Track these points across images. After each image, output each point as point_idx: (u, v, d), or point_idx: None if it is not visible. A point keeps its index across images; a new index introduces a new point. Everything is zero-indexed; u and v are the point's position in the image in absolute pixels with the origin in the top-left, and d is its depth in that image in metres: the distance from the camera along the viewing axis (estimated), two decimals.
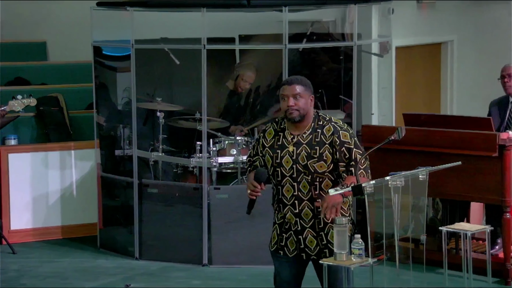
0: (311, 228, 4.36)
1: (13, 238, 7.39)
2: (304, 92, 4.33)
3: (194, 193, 6.74)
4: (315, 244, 4.37)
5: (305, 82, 4.37)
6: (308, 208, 4.34)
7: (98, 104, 7.46)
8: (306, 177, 4.31)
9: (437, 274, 6.17)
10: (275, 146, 4.36)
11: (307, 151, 4.31)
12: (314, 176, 4.31)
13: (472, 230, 4.93)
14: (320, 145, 4.31)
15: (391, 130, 6.04)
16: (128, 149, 7.27)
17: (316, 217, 4.35)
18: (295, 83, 4.34)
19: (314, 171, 4.30)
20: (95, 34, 7.31)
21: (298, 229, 4.37)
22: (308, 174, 4.30)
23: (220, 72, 7.60)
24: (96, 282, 6.39)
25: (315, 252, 4.38)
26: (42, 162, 7.62)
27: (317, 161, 4.30)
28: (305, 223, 4.36)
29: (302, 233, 4.37)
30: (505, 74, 6.58)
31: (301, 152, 4.31)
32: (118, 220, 7.23)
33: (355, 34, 6.97)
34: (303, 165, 4.30)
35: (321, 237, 4.37)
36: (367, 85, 7.86)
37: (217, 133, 6.99)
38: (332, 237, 4.31)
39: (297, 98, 4.32)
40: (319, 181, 4.32)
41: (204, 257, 6.71)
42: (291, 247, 4.40)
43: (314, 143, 4.31)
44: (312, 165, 4.30)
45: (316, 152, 4.30)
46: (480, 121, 6.42)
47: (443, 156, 6.19)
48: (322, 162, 4.30)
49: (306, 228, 4.36)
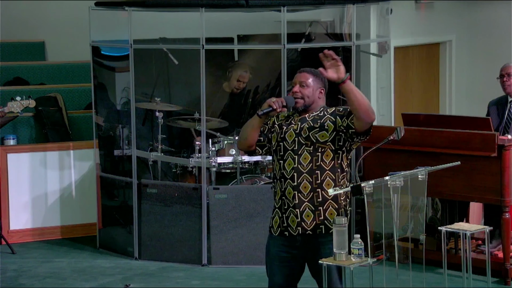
0: (309, 202, 4.32)
1: (12, 238, 7.40)
2: (312, 81, 4.39)
3: (193, 193, 6.74)
4: (312, 219, 4.32)
5: (317, 73, 4.39)
6: (307, 181, 4.32)
7: (96, 104, 7.46)
8: (308, 148, 4.32)
9: (437, 274, 6.18)
10: (283, 125, 4.41)
11: (309, 124, 4.36)
12: (316, 146, 4.33)
13: (471, 230, 4.94)
14: (322, 118, 4.36)
15: (390, 130, 6.07)
16: (127, 149, 7.27)
17: (314, 191, 4.32)
18: (306, 72, 4.41)
19: (316, 141, 4.32)
20: (93, 34, 7.31)
21: (296, 203, 4.33)
22: (310, 145, 4.32)
23: (219, 72, 7.60)
24: (95, 282, 6.39)
25: (311, 227, 4.33)
26: (41, 162, 7.62)
27: (319, 130, 4.33)
28: (304, 197, 4.32)
29: (300, 207, 4.33)
30: (504, 74, 6.59)
31: (303, 126, 4.36)
32: (117, 220, 7.23)
33: (354, 34, 6.98)
34: (304, 137, 4.34)
35: (319, 212, 4.32)
36: (366, 85, 7.86)
37: (216, 133, 7.00)
38: (330, 214, 4.32)
39: (303, 86, 4.37)
40: (321, 151, 4.33)
41: (203, 257, 6.72)
42: (293, 225, 4.35)
43: (317, 117, 4.37)
44: (314, 135, 4.33)
45: (317, 123, 4.34)
46: (479, 121, 6.43)
47: (442, 156, 6.20)
48: (324, 131, 4.33)
49: (304, 202, 4.33)
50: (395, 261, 4.43)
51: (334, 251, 4.22)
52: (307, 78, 4.39)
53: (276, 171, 4.41)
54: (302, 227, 4.34)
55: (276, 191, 4.42)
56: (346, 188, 4.26)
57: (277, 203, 4.42)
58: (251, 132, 4.41)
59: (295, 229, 4.35)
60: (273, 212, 4.46)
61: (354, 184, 4.25)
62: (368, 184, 4.23)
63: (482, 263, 5.23)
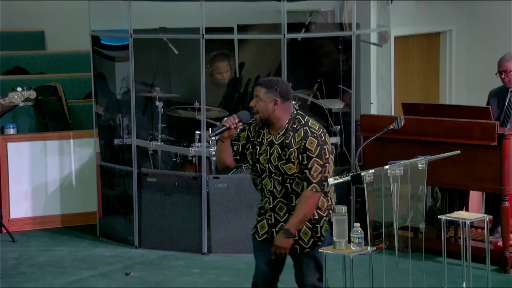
0: (285, 222, 4.34)
1: (12, 227, 7.41)
2: (264, 94, 4.27)
3: (193, 182, 6.75)
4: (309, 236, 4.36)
5: (272, 85, 4.27)
6: (283, 203, 4.35)
7: (96, 94, 7.46)
8: (277, 177, 4.31)
9: (436, 262, 6.19)
10: (255, 142, 4.36)
11: (278, 152, 4.29)
12: (285, 177, 4.30)
13: (471, 218, 4.95)
14: (289, 147, 4.26)
15: (390, 120, 6.09)
16: (127, 138, 7.27)
17: (289, 212, 4.33)
18: (260, 85, 4.31)
19: (284, 172, 4.28)
20: (93, 24, 7.30)
21: (272, 223, 4.38)
22: (279, 175, 4.30)
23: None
24: (95, 270, 6.41)
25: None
26: (41, 151, 7.62)
27: (285, 163, 4.27)
28: (280, 217, 4.37)
29: (276, 226, 4.38)
30: (501, 71, 6.56)
31: (273, 153, 4.31)
32: (118, 209, 7.24)
33: (354, 24, 6.97)
34: (274, 166, 4.31)
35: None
36: (366, 74, 7.86)
37: (216, 123, 7.00)
38: (304, 233, 4.34)
39: (257, 101, 4.30)
40: (290, 182, 4.31)
41: (203, 245, 6.73)
42: (261, 231, 4.42)
43: (284, 144, 4.28)
44: (282, 167, 4.28)
45: (286, 154, 4.27)
46: (479, 110, 6.43)
47: (442, 145, 6.21)
48: (290, 164, 4.26)
49: (279, 222, 4.37)
50: (394, 249, 4.44)
51: (334, 240, 4.24)
52: (259, 91, 4.28)
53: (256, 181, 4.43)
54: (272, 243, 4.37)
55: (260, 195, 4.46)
56: (346, 177, 4.26)
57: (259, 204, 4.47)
58: (221, 155, 4.37)
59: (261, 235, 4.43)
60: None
61: (354, 173, 4.25)
62: (368, 173, 4.24)
63: (482, 251, 5.24)
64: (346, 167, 6.89)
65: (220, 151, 4.37)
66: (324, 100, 7.27)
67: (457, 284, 5.29)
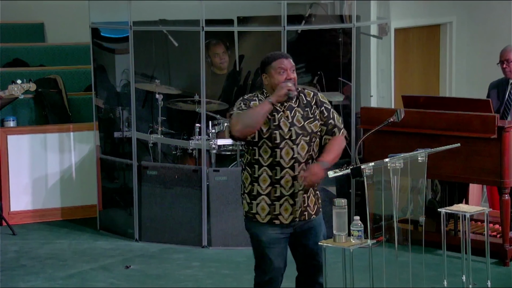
0: (302, 190, 4.34)
1: (12, 220, 7.42)
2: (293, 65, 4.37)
3: (193, 175, 6.75)
4: (314, 203, 4.40)
5: (290, 56, 4.40)
6: (303, 170, 4.32)
7: (96, 86, 7.45)
8: (304, 138, 4.33)
9: (436, 255, 6.20)
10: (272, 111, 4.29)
11: (300, 113, 4.34)
12: (311, 136, 4.34)
13: (471, 211, 4.95)
14: (309, 106, 4.36)
15: (390, 112, 6.07)
16: (127, 131, 7.27)
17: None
18: (290, 58, 4.36)
19: (311, 131, 4.34)
20: (93, 16, 7.29)
21: (294, 192, 4.33)
22: (307, 135, 4.33)
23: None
24: (95, 263, 6.42)
25: (314, 210, 4.41)
26: (41, 144, 7.62)
27: (313, 120, 4.35)
28: (299, 186, 4.33)
29: (297, 196, 4.34)
30: (503, 60, 6.56)
31: (295, 115, 4.33)
32: (118, 202, 7.25)
33: (354, 16, 6.96)
34: (299, 127, 4.32)
35: (317, 196, 4.43)
36: (366, 67, 7.85)
37: (216, 115, 7.00)
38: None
39: (294, 72, 4.34)
40: (313, 141, 4.37)
41: (203, 238, 6.74)
42: (285, 214, 4.35)
43: (303, 105, 4.35)
44: (309, 125, 4.34)
45: (309, 112, 4.35)
46: (479, 102, 6.43)
47: (442, 138, 6.21)
48: (316, 121, 4.36)
49: (299, 191, 4.34)
50: (394, 242, 4.44)
51: (334, 233, 4.24)
52: (291, 62, 4.34)
53: (264, 158, 4.32)
54: (309, 212, 4.39)
55: (262, 178, 4.33)
56: (346, 170, 4.26)
57: (263, 190, 4.33)
58: (262, 119, 4.24)
59: (287, 218, 4.36)
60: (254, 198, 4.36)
61: (354, 166, 4.25)
62: (368, 166, 4.24)
63: (481, 244, 5.24)
64: (346, 160, 6.88)
65: (265, 114, 4.22)
66: (324, 92, 7.25)
67: (457, 277, 5.29)
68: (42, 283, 5.98)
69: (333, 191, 6.88)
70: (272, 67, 4.32)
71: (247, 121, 4.21)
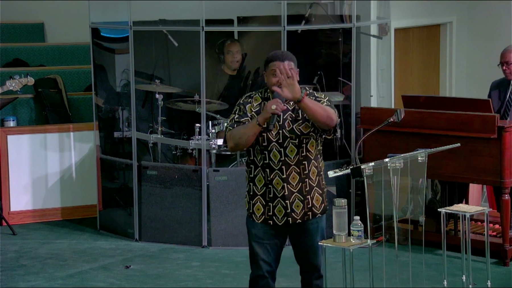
0: (298, 193, 4.36)
1: (12, 220, 7.42)
2: (294, 67, 4.33)
3: (193, 175, 6.75)
4: (301, 208, 4.38)
5: (293, 57, 4.35)
6: (295, 172, 4.34)
7: (96, 86, 7.45)
8: (293, 141, 4.32)
9: (436, 255, 6.20)
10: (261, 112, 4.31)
11: (291, 116, 4.33)
12: (301, 138, 4.32)
13: (471, 211, 4.95)
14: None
15: (390, 112, 6.07)
16: (127, 131, 7.27)
17: (303, 181, 4.36)
18: (287, 59, 4.31)
19: (301, 133, 4.32)
20: (93, 16, 7.29)
21: (285, 194, 4.35)
22: (295, 137, 4.32)
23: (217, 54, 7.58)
24: (95, 263, 6.42)
25: (300, 216, 4.38)
26: (41, 144, 7.62)
27: (302, 122, 4.32)
28: (293, 188, 4.35)
29: (290, 198, 4.36)
30: (503, 62, 6.56)
31: (286, 118, 4.32)
32: (118, 202, 7.25)
33: (354, 16, 6.96)
34: (288, 130, 4.32)
35: (307, 200, 4.39)
36: (366, 67, 7.85)
37: (216, 115, 7.00)
38: (316, 200, 4.37)
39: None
40: (305, 142, 4.34)
41: (203, 238, 6.74)
42: (279, 215, 4.39)
43: (297, 107, 4.31)
44: (298, 128, 4.32)
45: (299, 114, 4.32)
46: (479, 102, 6.42)
47: (442, 138, 6.22)
48: (306, 122, 4.31)
49: (294, 193, 4.36)
50: (394, 242, 4.44)
51: (334, 233, 4.24)
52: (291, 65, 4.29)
53: (257, 159, 4.37)
54: (292, 217, 4.38)
55: (257, 178, 4.39)
56: (346, 170, 4.26)
57: (258, 190, 4.39)
58: (251, 139, 4.29)
59: (281, 219, 4.38)
60: (251, 197, 4.42)
61: (354, 166, 4.25)
62: (368, 166, 4.24)
63: (481, 244, 5.24)
64: (346, 160, 6.89)
65: (254, 134, 4.27)
66: (324, 92, 7.24)
67: (457, 277, 5.29)
68: (42, 283, 5.98)
69: (333, 191, 6.88)
70: (268, 67, 4.34)
71: (237, 140, 4.31)
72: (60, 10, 9.80)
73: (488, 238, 5.11)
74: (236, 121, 4.37)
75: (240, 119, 4.37)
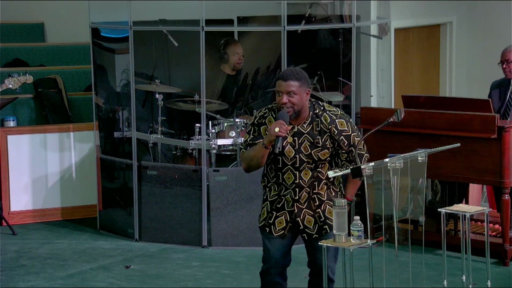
0: (307, 209, 4.41)
1: (12, 220, 7.42)
2: (299, 88, 4.29)
3: (193, 175, 6.75)
4: (313, 222, 4.43)
5: (301, 76, 4.31)
6: (306, 192, 4.41)
7: (96, 86, 7.45)
8: (309, 165, 4.37)
9: (436, 255, 6.20)
10: None
11: (309, 141, 4.35)
12: (318, 163, 4.38)
13: (471, 211, 4.95)
14: (322, 134, 4.35)
15: (390, 112, 6.06)
16: (127, 131, 7.27)
17: (310, 198, 4.41)
18: (290, 79, 4.28)
19: (318, 159, 4.36)
20: (93, 16, 7.29)
21: (295, 212, 4.42)
22: (312, 162, 4.37)
23: (219, 54, 7.58)
24: (95, 263, 6.42)
25: (315, 230, 4.44)
26: (41, 144, 7.62)
27: (321, 149, 4.36)
28: (301, 205, 4.41)
29: (300, 215, 4.41)
30: (503, 60, 6.56)
31: (303, 142, 4.35)
32: (118, 202, 7.25)
33: (354, 16, 6.96)
34: (306, 155, 4.35)
35: (318, 214, 4.43)
36: (366, 67, 7.85)
37: (216, 115, 7.00)
38: (329, 213, 4.39)
39: (291, 95, 4.28)
40: (321, 166, 4.40)
41: (203, 238, 6.74)
42: (278, 226, 4.44)
43: (315, 132, 4.35)
44: (316, 154, 4.36)
45: (319, 141, 4.35)
46: (479, 102, 6.42)
47: (442, 138, 6.21)
48: (326, 150, 4.37)
49: (303, 210, 4.41)
50: (394, 242, 4.44)
51: (334, 233, 4.24)
52: (292, 86, 4.27)
53: (270, 175, 4.44)
54: (307, 233, 4.45)
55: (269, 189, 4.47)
56: (346, 170, 4.27)
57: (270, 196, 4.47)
58: (262, 160, 4.33)
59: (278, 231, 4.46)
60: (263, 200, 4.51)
61: (354, 166, 4.26)
62: (368, 166, 4.24)
63: (481, 244, 5.24)
64: None
65: (262, 156, 4.32)
66: (324, 92, 7.26)
67: (457, 277, 5.29)
68: (42, 283, 5.98)
69: None
70: (276, 85, 4.36)
71: (249, 162, 4.38)
72: (60, 10, 9.80)
73: (488, 238, 5.10)
74: (249, 143, 4.40)
75: (254, 140, 4.39)
